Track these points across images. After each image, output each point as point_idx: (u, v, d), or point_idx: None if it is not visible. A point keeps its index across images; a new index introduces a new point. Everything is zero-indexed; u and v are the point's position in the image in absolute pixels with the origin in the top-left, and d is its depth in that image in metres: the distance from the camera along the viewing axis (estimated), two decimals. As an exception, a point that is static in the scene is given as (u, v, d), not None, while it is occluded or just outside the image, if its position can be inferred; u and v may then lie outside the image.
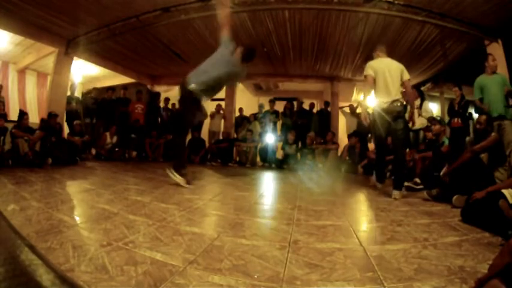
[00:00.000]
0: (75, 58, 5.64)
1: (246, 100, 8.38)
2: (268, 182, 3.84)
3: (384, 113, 2.72)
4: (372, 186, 3.18)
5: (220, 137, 6.80)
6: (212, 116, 6.94)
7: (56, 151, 4.42)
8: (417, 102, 4.96)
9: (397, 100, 2.71)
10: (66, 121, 5.76)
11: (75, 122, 5.48)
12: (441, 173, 2.79)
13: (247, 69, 3.13)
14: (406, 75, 2.78)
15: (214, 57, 2.85)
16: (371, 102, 3.03)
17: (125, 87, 6.87)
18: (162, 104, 7.17)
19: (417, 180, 3.17)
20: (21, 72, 6.71)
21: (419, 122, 4.87)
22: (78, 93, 6.79)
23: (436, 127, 3.62)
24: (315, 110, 7.06)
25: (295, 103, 6.86)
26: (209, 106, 7.65)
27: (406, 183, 3.21)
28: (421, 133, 4.81)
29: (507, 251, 0.77)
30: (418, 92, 5.10)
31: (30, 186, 2.45)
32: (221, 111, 7.09)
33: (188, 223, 1.56)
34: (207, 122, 7.10)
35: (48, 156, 4.25)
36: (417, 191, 2.93)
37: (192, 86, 2.67)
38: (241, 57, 2.88)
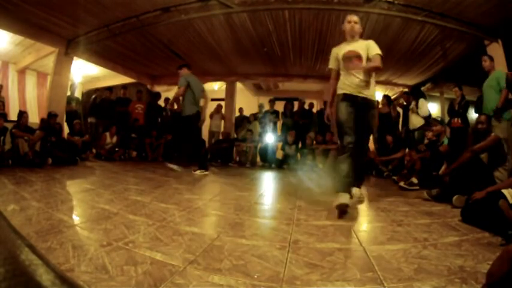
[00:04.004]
0: (75, 58, 5.63)
1: (246, 100, 8.36)
2: (268, 182, 3.84)
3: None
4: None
5: (220, 137, 6.80)
6: (212, 116, 6.94)
7: (56, 151, 4.42)
8: (414, 101, 4.95)
9: None
10: (66, 121, 5.75)
11: (75, 122, 5.48)
12: (440, 172, 2.79)
13: (247, 68, 3.12)
14: None
15: None
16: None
17: (124, 86, 6.86)
18: (162, 104, 7.17)
19: (414, 180, 3.16)
20: (21, 72, 6.70)
21: (415, 122, 4.86)
22: (78, 94, 6.78)
23: (437, 127, 3.61)
24: (314, 110, 7.06)
25: (296, 103, 6.86)
26: (209, 106, 7.70)
27: (401, 184, 3.22)
28: (417, 133, 4.79)
29: (506, 258, 0.74)
30: (414, 92, 5.10)
31: (30, 186, 2.45)
32: (221, 111, 7.09)
33: (188, 223, 1.56)
34: (207, 122, 7.11)
35: (48, 156, 4.25)
36: (411, 191, 2.93)
37: None
38: None
